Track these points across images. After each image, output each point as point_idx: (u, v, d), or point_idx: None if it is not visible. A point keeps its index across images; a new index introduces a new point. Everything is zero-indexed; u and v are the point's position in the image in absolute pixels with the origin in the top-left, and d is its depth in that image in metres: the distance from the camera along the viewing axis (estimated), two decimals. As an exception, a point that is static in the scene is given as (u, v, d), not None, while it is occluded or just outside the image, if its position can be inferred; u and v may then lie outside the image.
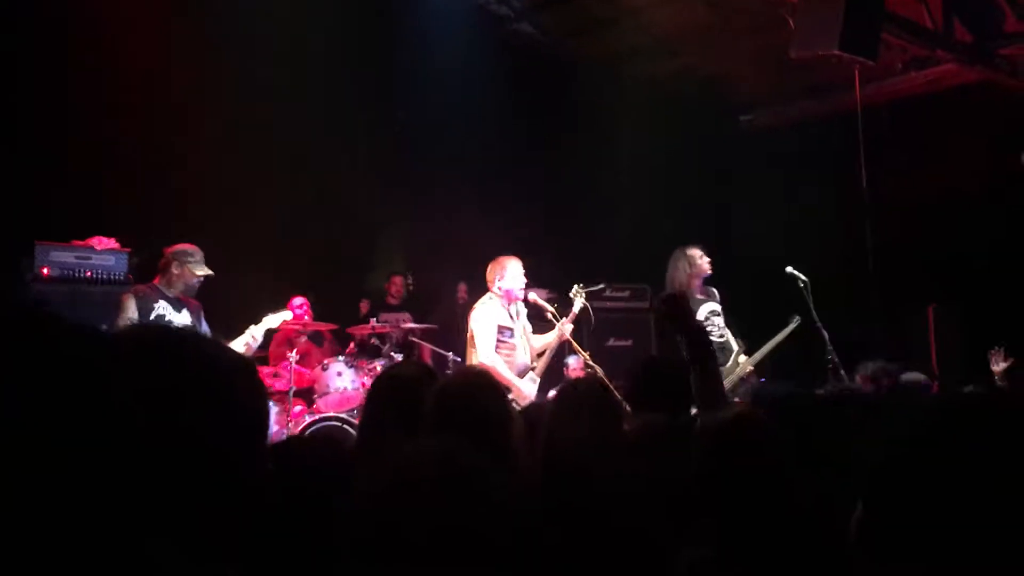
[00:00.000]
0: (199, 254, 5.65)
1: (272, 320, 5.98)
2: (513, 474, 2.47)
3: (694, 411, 3.21)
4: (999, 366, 7.10)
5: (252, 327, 5.85)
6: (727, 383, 6.67)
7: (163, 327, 1.17)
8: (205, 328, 5.72)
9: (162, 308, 5.49)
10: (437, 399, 2.59)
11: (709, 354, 3.12)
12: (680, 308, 3.15)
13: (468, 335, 5.99)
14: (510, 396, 5.71)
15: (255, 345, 5.83)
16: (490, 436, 2.47)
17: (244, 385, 1.15)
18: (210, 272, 5.66)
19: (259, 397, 1.19)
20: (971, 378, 6.89)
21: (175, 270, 5.57)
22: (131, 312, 5.38)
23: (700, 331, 3.15)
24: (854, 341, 7.18)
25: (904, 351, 7.96)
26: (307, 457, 2.19)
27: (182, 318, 5.54)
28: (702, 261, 6.84)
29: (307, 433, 6.11)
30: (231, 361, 1.16)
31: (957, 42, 8.34)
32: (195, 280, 5.61)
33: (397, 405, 2.78)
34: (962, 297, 8.70)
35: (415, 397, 2.69)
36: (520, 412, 3.26)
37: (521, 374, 5.91)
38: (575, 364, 7.84)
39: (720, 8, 8.89)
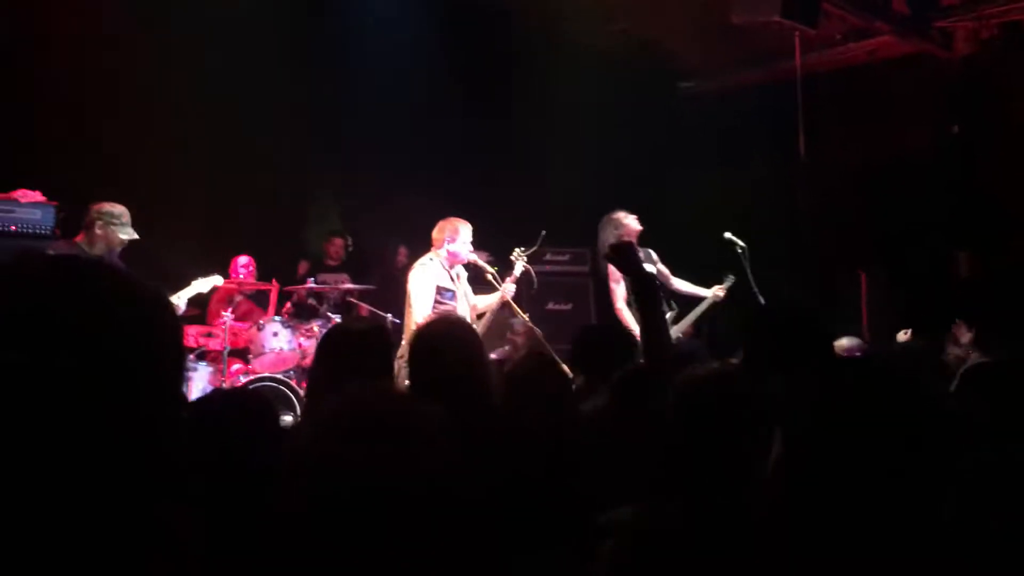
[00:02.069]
0: (126, 216, 5.48)
1: (201, 284, 5.88)
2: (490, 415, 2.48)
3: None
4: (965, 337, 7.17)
5: (180, 292, 5.74)
6: None
7: (72, 257, 1.09)
8: None
9: None
10: (414, 345, 2.58)
11: (657, 299, 3.13)
12: (628, 254, 3.15)
13: (407, 296, 5.93)
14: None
15: (179, 312, 5.71)
16: (470, 379, 2.48)
17: (158, 316, 1.08)
18: (135, 236, 5.49)
19: (173, 329, 1.13)
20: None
21: (98, 230, 5.42)
22: None
23: (648, 277, 3.16)
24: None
25: (836, 315, 8.13)
26: (231, 409, 2.16)
27: None
28: (629, 220, 6.90)
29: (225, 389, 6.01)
30: (144, 291, 1.09)
31: (895, 13, 8.45)
32: (118, 243, 5.45)
33: (347, 359, 2.76)
34: (894, 263, 8.89)
35: (365, 351, 2.68)
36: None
37: (461, 334, 5.89)
38: (518, 326, 7.84)
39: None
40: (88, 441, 0.97)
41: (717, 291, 7.14)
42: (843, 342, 5.75)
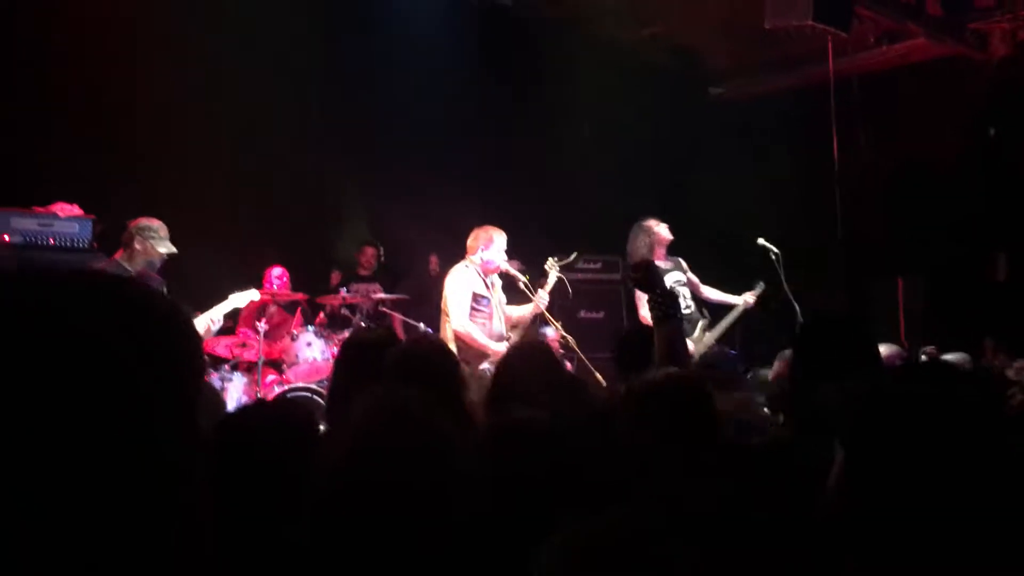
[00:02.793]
0: (164, 230, 5.53)
1: (238, 299, 5.92)
2: (467, 433, 2.50)
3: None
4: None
5: (216, 307, 5.78)
6: (694, 354, 6.73)
7: (89, 272, 1.09)
8: None
9: None
10: (394, 362, 2.60)
11: (675, 319, 3.16)
12: (650, 273, 3.21)
13: (442, 303, 5.93)
14: (486, 361, 5.70)
15: (215, 327, 5.76)
16: (444, 397, 2.50)
17: (175, 330, 1.09)
18: (174, 250, 5.54)
19: (190, 342, 1.13)
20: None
21: (137, 245, 5.47)
22: None
23: (667, 295, 3.18)
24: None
25: (873, 322, 8.04)
26: (271, 420, 2.17)
27: None
28: (660, 228, 6.90)
29: (267, 399, 6.04)
30: (161, 306, 1.09)
31: (928, 16, 8.37)
32: (157, 257, 5.50)
33: (363, 369, 2.78)
34: (930, 269, 8.78)
35: (380, 361, 2.69)
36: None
37: (496, 342, 5.87)
38: (551, 335, 7.82)
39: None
40: (100, 454, 0.97)
41: (747, 298, 7.08)
42: (882, 349, 5.68)
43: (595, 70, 9.26)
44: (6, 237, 5.87)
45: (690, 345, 6.81)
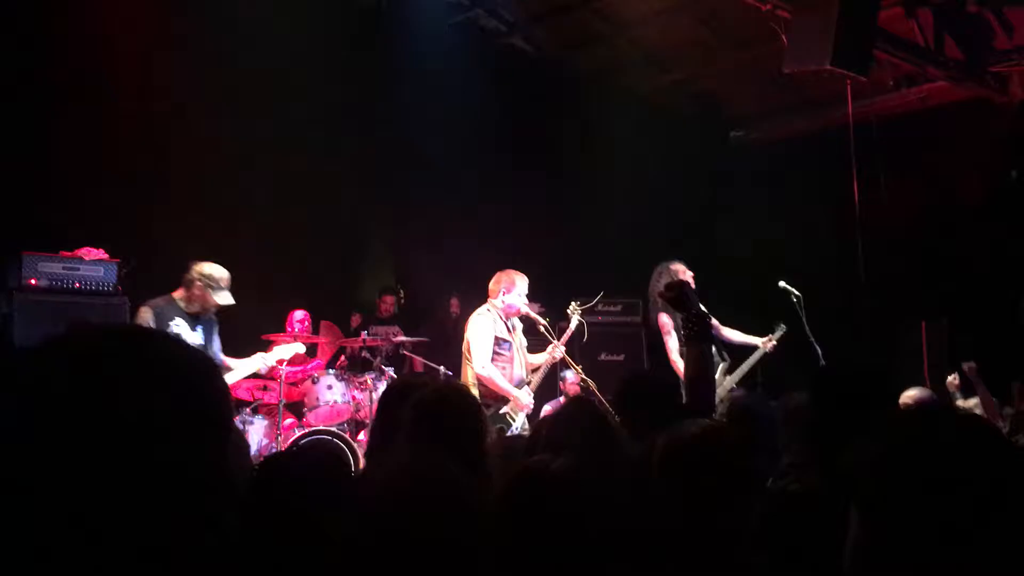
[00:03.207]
0: (225, 281, 5.59)
1: (284, 351, 5.99)
2: (485, 482, 2.49)
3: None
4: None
5: (262, 355, 5.86)
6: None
7: (123, 325, 1.13)
8: (216, 344, 5.70)
9: (177, 325, 5.43)
10: (413, 410, 2.60)
11: (707, 338, 3.15)
12: (683, 293, 3.19)
13: (464, 346, 5.93)
14: (507, 406, 5.69)
15: (264, 372, 5.84)
16: (462, 446, 2.49)
17: (205, 384, 1.12)
18: (231, 302, 5.59)
19: (220, 395, 1.17)
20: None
21: (197, 291, 5.52)
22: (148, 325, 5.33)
23: (700, 316, 3.16)
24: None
25: (897, 367, 7.98)
26: (298, 470, 2.17)
27: (195, 337, 5.52)
28: (682, 269, 6.89)
29: (299, 446, 6.05)
30: (193, 360, 1.13)
31: (948, 59, 8.38)
32: (213, 307, 5.58)
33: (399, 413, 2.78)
34: (954, 312, 8.71)
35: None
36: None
37: (517, 387, 5.86)
38: (572, 378, 7.81)
39: (711, 23, 8.94)
40: (130, 500, 0.99)
41: (767, 343, 7.03)
42: (912, 392, 5.62)
43: (618, 115, 9.34)
44: (33, 281, 5.97)
45: None
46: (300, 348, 6.24)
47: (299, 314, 7.63)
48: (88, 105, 6.94)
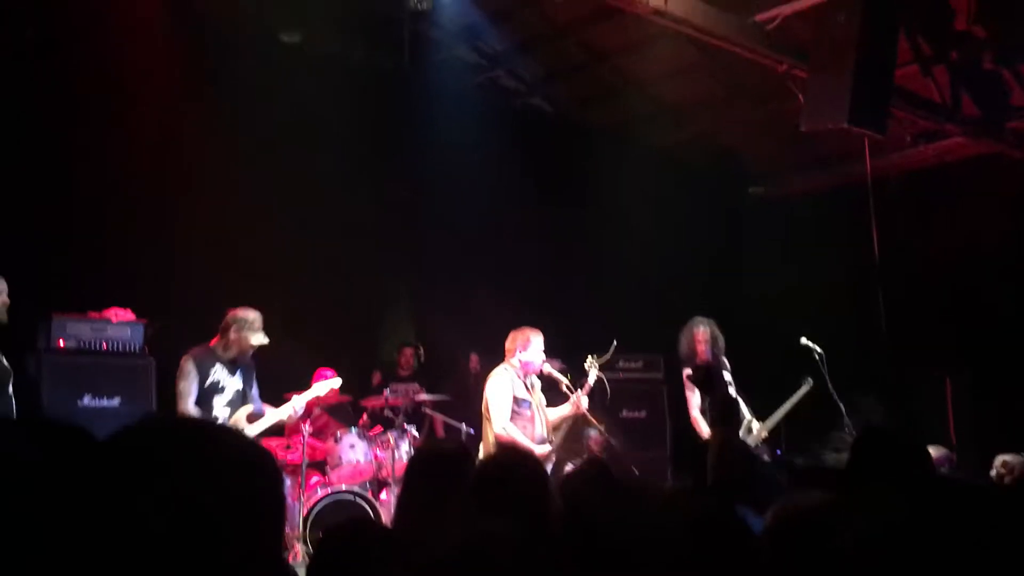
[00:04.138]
0: (258, 321, 5.78)
1: (319, 388, 6.05)
2: (552, 549, 2.48)
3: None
4: None
5: (295, 397, 5.93)
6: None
7: (180, 419, 1.19)
8: (254, 389, 5.84)
9: (217, 373, 5.64)
10: (479, 478, 2.60)
11: (733, 422, 3.17)
12: (710, 375, 3.24)
13: (483, 406, 5.94)
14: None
15: (297, 415, 5.93)
16: (528, 513, 2.48)
17: (261, 476, 1.17)
18: (265, 341, 5.77)
19: (276, 488, 1.22)
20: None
21: (232, 335, 5.71)
22: (191, 376, 5.52)
23: (727, 400, 3.19)
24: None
25: (919, 421, 7.92)
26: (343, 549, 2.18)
27: (235, 382, 5.73)
28: (711, 327, 6.93)
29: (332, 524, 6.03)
30: (248, 452, 1.18)
31: (965, 116, 8.43)
32: (249, 348, 5.73)
33: (436, 483, 2.80)
34: (977, 366, 8.66)
35: (454, 475, 2.71)
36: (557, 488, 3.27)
37: (538, 445, 5.86)
38: (595, 436, 7.78)
39: (727, 80, 9.05)
40: None
41: (771, 422, 6.93)
42: (929, 450, 5.57)
43: (635, 171, 9.42)
44: (61, 342, 6.07)
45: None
46: (335, 383, 6.29)
47: (327, 373, 7.66)
48: (115, 166, 7.10)
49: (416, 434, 7.35)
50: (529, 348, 6.03)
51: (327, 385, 6.17)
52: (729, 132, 10.00)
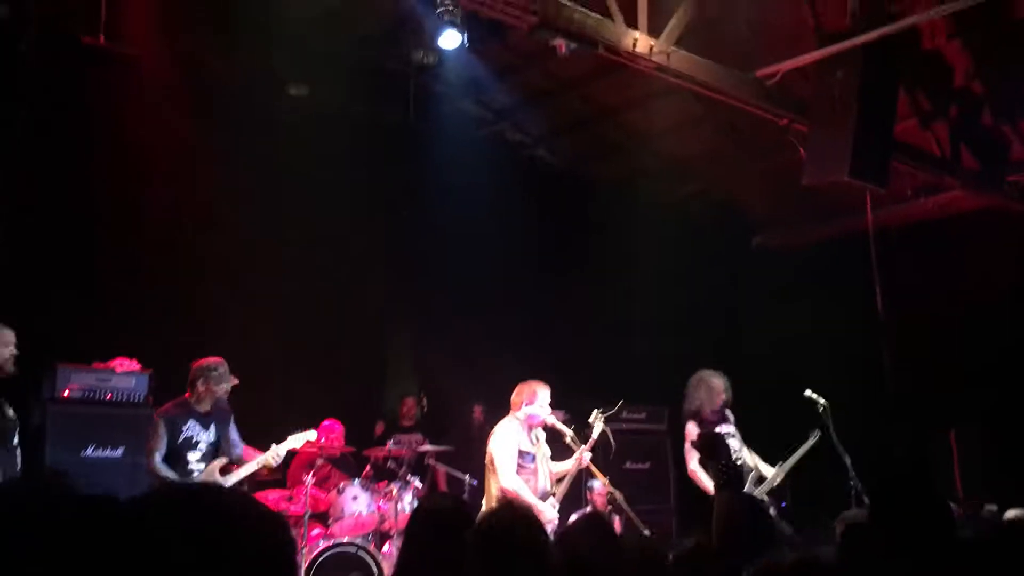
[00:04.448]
0: (223, 367, 5.82)
1: (295, 440, 6.05)
2: None
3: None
4: None
5: (275, 446, 5.92)
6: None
7: (194, 488, 1.21)
8: (234, 435, 5.87)
9: (190, 429, 5.64)
10: (478, 536, 2.60)
11: (737, 488, 3.19)
12: (715, 443, 3.27)
13: (487, 459, 5.93)
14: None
15: (276, 463, 5.91)
16: (527, 569, 2.49)
17: (274, 543, 1.19)
18: (234, 382, 5.83)
19: (289, 554, 1.24)
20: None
21: (200, 387, 5.73)
22: (160, 435, 5.50)
23: (731, 466, 3.21)
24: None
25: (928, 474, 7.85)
26: None
27: (209, 435, 5.73)
28: (724, 393, 6.89)
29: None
30: (263, 520, 1.20)
31: (965, 169, 8.51)
32: (222, 393, 5.72)
33: (436, 540, 2.81)
34: (983, 418, 8.62)
35: (453, 531, 2.71)
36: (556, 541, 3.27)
37: (542, 499, 5.83)
38: (599, 489, 7.73)
39: (730, 134, 9.15)
40: None
41: (778, 473, 6.91)
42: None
43: (640, 224, 9.49)
44: (66, 392, 6.08)
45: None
46: (311, 435, 6.25)
47: (327, 423, 7.65)
48: (120, 216, 7.18)
49: (419, 485, 7.32)
50: (536, 401, 6.04)
51: (302, 437, 6.15)
52: (732, 185, 10.08)
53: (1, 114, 6.54)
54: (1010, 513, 6.71)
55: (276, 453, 5.92)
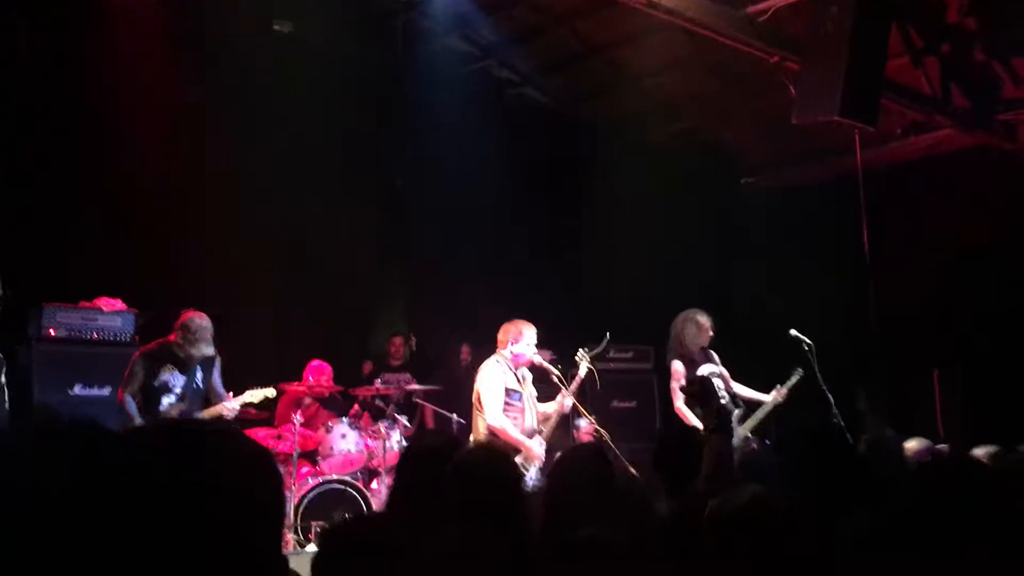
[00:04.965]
0: (203, 331, 5.74)
1: (252, 395, 6.03)
2: (527, 541, 2.52)
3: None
4: None
5: (231, 397, 5.94)
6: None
7: (183, 423, 1.22)
8: (216, 379, 5.84)
9: (166, 374, 5.60)
10: (454, 476, 2.63)
11: (727, 432, 3.23)
12: (705, 388, 3.30)
13: (474, 397, 5.96)
14: (519, 457, 5.70)
15: (231, 416, 5.90)
16: (498, 512, 2.52)
17: (261, 477, 1.19)
18: (210, 353, 5.79)
19: (276, 488, 1.25)
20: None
21: (179, 338, 5.69)
22: (137, 374, 5.49)
23: (721, 410, 3.26)
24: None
25: (910, 417, 7.96)
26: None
27: (185, 381, 5.73)
28: (706, 322, 6.94)
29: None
30: (249, 454, 1.20)
31: (956, 108, 8.45)
32: (195, 353, 5.70)
33: (424, 477, 2.83)
34: (967, 359, 8.69)
35: (442, 469, 2.74)
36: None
37: (529, 437, 5.88)
38: (585, 427, 7.81)
39: (721, 74, 9.05)
40: None
41: (777, 395, 7.03)
42: (911, 443, 5.64)
43: (628, 164, 9.43)
44: (52, 331, 6.07)
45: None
46: (270, 393, 6.25)
47: (315, 363, 7.68)
48: (107, 156, 7.09)
49: (407, 424, 7.37)
50: (521, 340, 6.05)
51: (261, 394, 6.12)
52: (722, 125, 10.01)
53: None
54: (978, 451, 6.82)
55: (232, 407, 5.90)
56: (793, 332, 7.12)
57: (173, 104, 7.40)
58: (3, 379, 5.05)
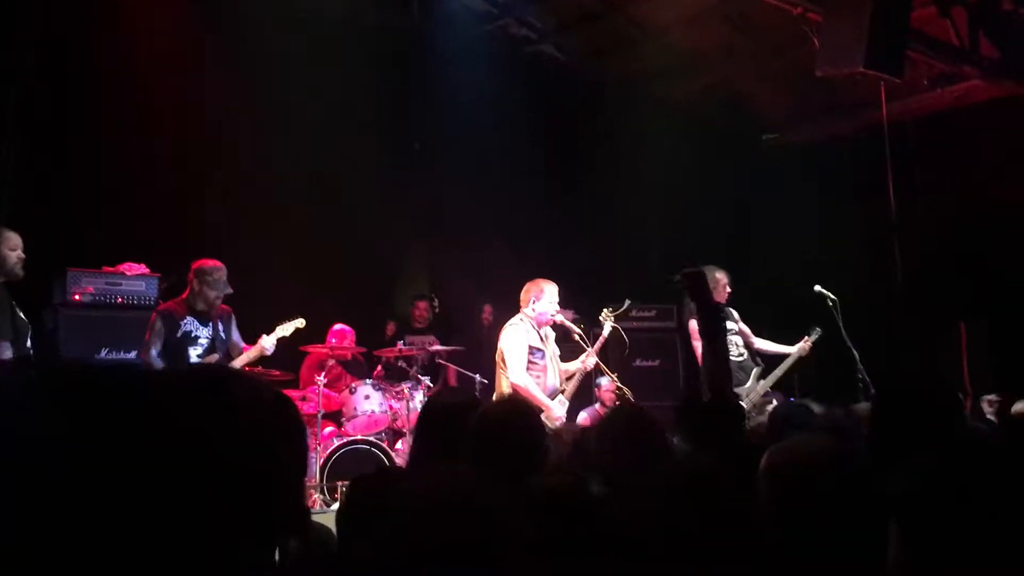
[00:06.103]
0: (219, 272, 5.78)
1: (284, 329, 6.07)
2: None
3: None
4: None
5: (265, 336, 5.97)
6: (747, 402, 6.67)
7: (205, 368, 1.20)
8: (236, 335, 5.90)
9: (188, 324, 5.66)
10: (477, 426, 2.62)
11: (720, 330, 3.20)
12: (699, 282, 3.26)
13: (498, 356, 5.95)
14: (542, 416, 5.71)
15: (269, 352, 5.96)
16: (524, 462, 2.51)
17: (283, 422, 1.18)
18: (229, 291, 5.80)
19: (298, 433, 1.23)
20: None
21: (195, 287, 5.73)
22: (157, 331, 5.53)
23: (715, 308, 3.22)
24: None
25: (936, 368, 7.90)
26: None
27: (207, 332, 5.75)
28: (722, 276, 6.91)
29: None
30: (270, 399, 1.19)
31: (983, 58, 8.28)
32: (213, 299, 5.70)
33: (445, 434, 2.83)
34: (993, 312, 8.60)
35: (464, 425, 2.74)
36: (554, 433, 3.29)
37: (551, 396, 5.88)
38: (607, 385, 7.81)
39: (743, 28, 8.91)
40: (210, 542, 1.04)
41: (802, 346, 7.02)
42: (1019, 406, 5.58)
43: (649, 120, 9.34)
44: (77, 296, 6.11)
45: (743, 392, 6.76)
46: (300, 323, 6.26)
47: (338, 327, 7.70)
48: (129, 123, 7.08)
49: (431, 384, 7.40)
50: (543, 299, 6.02)
51: (292, 326, 6.11)
52: (743, 80, 9.86)
53: (5, 24, 6.38)
54: (1019, 405, 6.77)
55: (269, 343, 5.94)
56: (818, 288, 7.08)
57: (194, 71, 7.37)
58: (29, 343, 5.09)
